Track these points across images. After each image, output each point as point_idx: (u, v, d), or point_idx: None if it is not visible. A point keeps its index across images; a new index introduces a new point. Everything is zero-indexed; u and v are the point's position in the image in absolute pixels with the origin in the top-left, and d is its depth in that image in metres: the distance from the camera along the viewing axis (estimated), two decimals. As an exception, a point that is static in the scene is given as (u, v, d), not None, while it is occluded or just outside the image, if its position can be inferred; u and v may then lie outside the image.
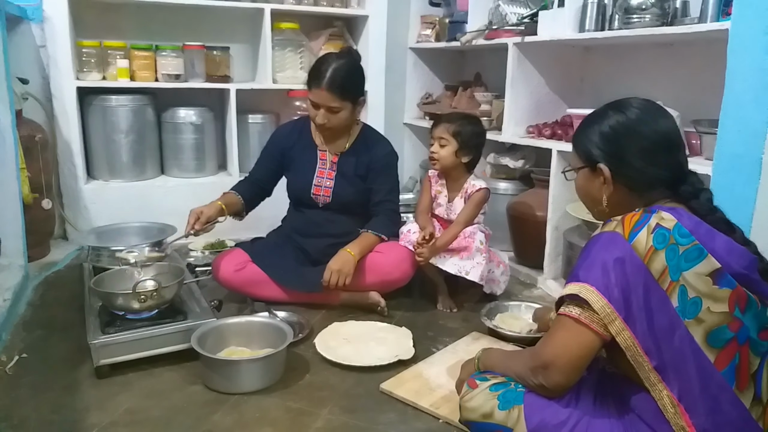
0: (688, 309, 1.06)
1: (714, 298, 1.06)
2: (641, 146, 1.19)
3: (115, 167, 2.93)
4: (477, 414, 1.24)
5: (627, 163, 1.20)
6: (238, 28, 3.21)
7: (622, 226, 1.12)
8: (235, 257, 2.19)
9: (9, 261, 2.22)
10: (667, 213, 1.11)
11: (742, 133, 1.59)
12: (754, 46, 1.55)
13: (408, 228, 2.23)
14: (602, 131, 1.23)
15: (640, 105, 1.23)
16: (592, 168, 1.25)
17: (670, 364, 1.07)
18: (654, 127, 1.20)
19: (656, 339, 1.07)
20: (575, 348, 1.12)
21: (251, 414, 1.53)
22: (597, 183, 1.25)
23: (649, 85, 2.45)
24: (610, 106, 1.26)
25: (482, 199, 2.26)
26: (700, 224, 1.11)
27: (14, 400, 1.56)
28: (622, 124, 1.21)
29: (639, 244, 1.09)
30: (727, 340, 1.07)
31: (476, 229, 2.20)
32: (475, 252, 2.14)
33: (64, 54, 2.69)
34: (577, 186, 1.32)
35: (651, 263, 1.07)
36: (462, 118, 2.26)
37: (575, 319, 1.12)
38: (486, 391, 1.25)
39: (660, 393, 1.08)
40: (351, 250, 2.09)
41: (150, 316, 1.77)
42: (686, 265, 1.07)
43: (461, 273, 2.13)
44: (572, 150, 1.33)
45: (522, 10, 2.77)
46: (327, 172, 2.24)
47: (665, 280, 1.07)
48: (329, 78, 2.05)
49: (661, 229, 1.09)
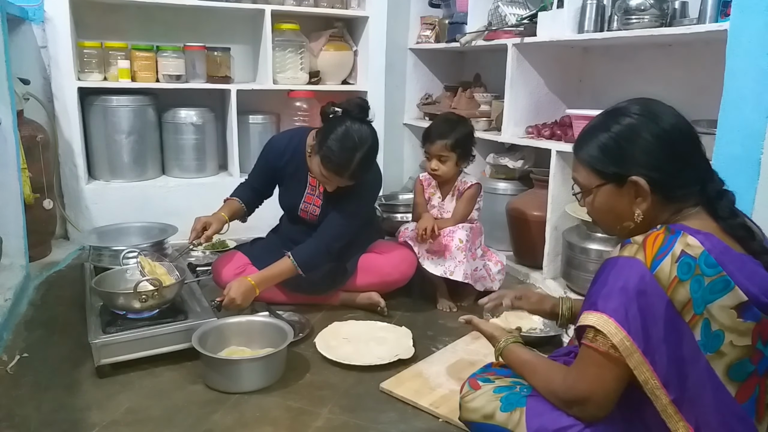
0: (710, 343, 1.01)
1: (738, 332, 1.01)
2: (681, 151, 1.09)
3: (116, 167, 2.94)
4: (478, 415, 1.23)
5: (668, 172, 1.09)
6: (238, 29, 3.22)
7: (644, 252, 1.03)
8: (235, 260, 2.20)
9: (10, 261, 2.22)
10: (692, 238, 1.02)
11: (741, 133, 1.59)
12: (753, 46, 1.55)
13: (407, 227, 2.24)
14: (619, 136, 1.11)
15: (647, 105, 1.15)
16: (618, 183, 1.12)
17: (689, 398, 1.03)
18: (686, 127, 1.12)
19: (677, 372, 1.02)
20: (612, 382, 1.06)
21: (252, 413, 1.53)
22: (626, 199, 1.12)
23: (647, 85, 2.45)
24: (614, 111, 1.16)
25: (474, 194, 2.28)
26: (728, 251, 1.04)
27: (15, 400, 1.57)
28: (662, 134, 1.10)
29: (662, 273, 1.01)
30: (749, 373, 1.03)
31: (456, 228, 2.20)
32: (455, 251, 2.14)
33: (65, 54, 2.70)
34: (596, 206, 1.17)
35: (674, 295, 1.00)
36: (452, 127, 2.24)
37: (604, 354, 1.05)
38: (489, 393, 1.23)
39: (676, 424, 1.04)
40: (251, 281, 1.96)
41: (151, 316, 1.78)
42: (711, 297, 1.00)
43: (446, 274, 2.15)
44: (578, 164, 1.18)
45: (521, 11, 2.77)
46: (314, 199, 2.19)
47: (688, 313, 1.00)
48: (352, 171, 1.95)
49: (686, 257, 1.01)
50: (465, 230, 2.20)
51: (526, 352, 1.29)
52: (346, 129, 1.94)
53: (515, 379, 1.26)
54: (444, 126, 2.26)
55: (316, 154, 1.97)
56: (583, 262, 2.27)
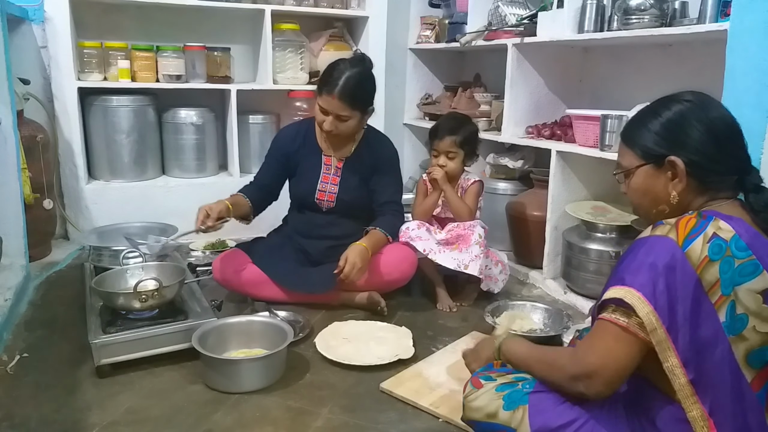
0: (733, 325, 1.02)
1: (762, 318, 1.03)
2: (712, 133, 1.12)
3: (116, 167, 2.94)
4: (481, 414, 1.23)
5: (700, 152, 1.12)
6: (238, 29, 3.22)
7: (676, 232, 1.06)
8: (235, 258, 2.19)
9: (10, 261, 2.22)
10: (724, 222, 1.05)
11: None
12: (753, 46, 1.55)
13: (407, 226, 2.23)
14: (668, 120, 1.15)
15: (697, 94, 1.18)
16: (657, 164, 1.16)
17: (707, 379, 1.04)
18: (720, 112, 1.15)
19: (697, 352, 1.03)
20: (624, 358, 1.06)
21: (252, 413, 1.53)
22: (663, 180, 1.15)
23: (648, 85, 2.45)
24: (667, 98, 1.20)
25: (478, 190, 2.30)
26: (758, 237, 1.06)
27: (15, 400, 1.57)
28: (690, 110, 1.14)
29: (693, 252, 1.03)
30: (766, 362, 1.04)
31: (476, 223, 2.21)
32: (473, 245, 2.15)
33: (65, 54, 2.70)
34: (634, 187, 1.21)
35: (704, 274, 1.03)
36: (460, 124, 2.27)
37: (623, 327, 1.06)
38: (492, 391, 1.23)
39: (692, 406, 1.05)
40: (364, 244, 2.05)
41: (151, 316, 1.78)
42: (740, 280, 1.02)
43: (460, 267, 2.13)
44: (624, 147, 1.22)
45: (521, 11, 2.77)
46: (332, 178, 2.23)
47: (716, 293, 1.02)
48: (341, 86, 2.02)
49: (718, 239, 1.03)
50: (482, 226, 2.21)
51: (526, 342, 1.31)
52: (337, 60, 2.12)
53: (518, 375, 1.26)
54: (453, 123, 2.29)
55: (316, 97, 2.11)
56: (583, 262, 2.27)
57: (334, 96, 2.03)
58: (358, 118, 2.12)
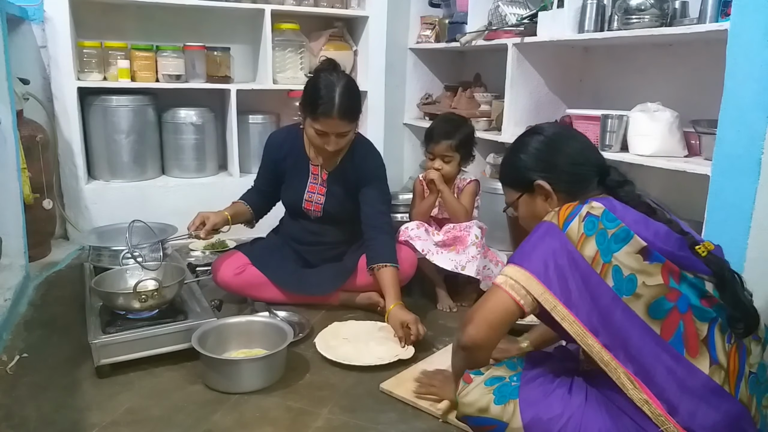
0: (624, 287, 1.12)
1: (647, 273, 1.12)
2: (566, 152, 1.31)
3: (115, 167, 2.94)
4: (473, 408, 1.26)
5: (560, 170, 1.30)
6: (238, 29, 3.22)
7: (558, 217, 1.20)
8: (234, 260, 2.19)
9: (10, 261, 2.22)
10: (597, 202, 1.19)
11: (742, 133, 1.59)
12: (754, 46, 1.55)
13: (406, 226, 2.23)
14: (529, 153, 1.34)
15: (549, 125, 1.40)
16: (530, 191, 1.34)
17: (619, 341, 1.13)
18: (570, 134, 1.38)
19: (600, 318, 1.14)
20: (490, 305, 1.21)
21: (251, 413, 1.53)
22: (539, 202, 1.33)
23: (648, 85, 2.45)
24: (524, 135, 1.40)
25: (474, 189, 2.30)
26: (628, 211, 1.19)
27: (15, 400, 1.57)
28: (545, 140, 1.34)
29: (572, 232, 1.17)
30: (668, 310, 1.11)
31: (472, 224, 2.20)
32: (470, 246, 2.14)
33: (65, 54, 2.70)
34: (521, 216, 1.39)
35: (583, 249, 1.15)
36: (456, 127, 2.25)
37: (497, 285, 1.21)
38: (481, 385, 1.27)
39: (616, 371, 1.13)
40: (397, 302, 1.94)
41: (151, 316, 1.78)
42: (616, 247, 1.14)
43: (457, 269, 2.14)
44: (504, 187, 1.42)
45: (521, 11, 2.77)
46: (318, 188, 2.20)
47: (598, 263, 1.14)
48: (339, 104, 1.94)
49: (591, 216, 1.17)
50: (479, 226, 2.20)
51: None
52: (317, 77, 2.02)
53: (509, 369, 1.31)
54: (448, 126, 2.26)
55: (305, 119, 2.04)
56: (583, 262, 2.26)
57: (335, 117, 1.95)
58: (354, 128, 2.08)
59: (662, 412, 1.09)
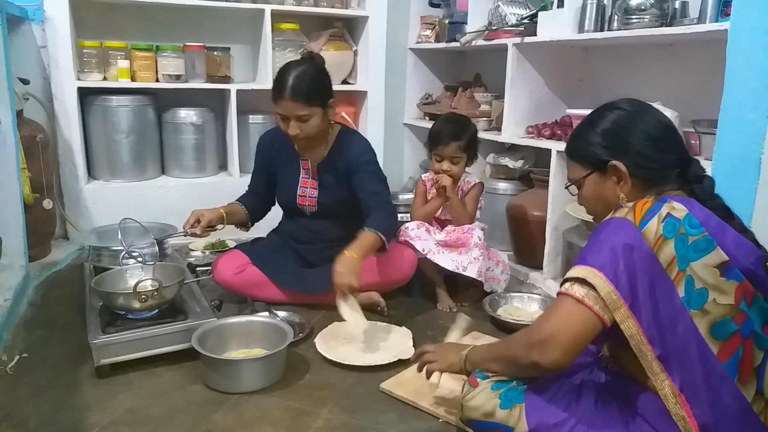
0: (694, 300, 1.06)
1: (720, 290, 1.07)
2: (647, 134, 1.20)
3: (115, 167, 2.94)
4: (478, 413, 1.25)
5: (639, 153, 1.19)
6: (238, 29, 3.22)
7: (633, 213, 1.12)
8: (234, 259, 2.19)
9: (10, 261, 2.22)
10: (678, 203, 1.11)
11: (741, 133, 1.59)
12: (754, 46, 1.55)
13: (406, 226, 2.23)
14: (605, 129, 1.22)
15: (630, 101, 1.25)
16: (601, 171, 1.23)
17: (674, 354, 1.07)
18: (653, 114, 1.23)
19: (661, 328, 1.07)
20: (577, 326, 1.10)
21: (251, 413, 1.53)
22: (610, 184, 1.23)
23: (648, 85, 2.45)
24: (602, 108, 1.27)
25: (478, 193, 2.30)
26: (711, 217, 1.11)
27: (15, 400, 1.57)
28: (623, 117, 1.22)
29: (649, 232, 1.09)
30: (732, 333, 1.07)
31: (474, 226, 2.21)
32: (473, 247, 2.14)
33: (65, 54, 2.70)
34: (585, 195, 1.28)
35: (660, 252, 1.08)
36: (463, 128, 2.25)
37: (578, 299, 1.11)
38: (487, 390, 1.25)
39: (662, 383, 1.08)
40: (352, 253, 1.87)
41: (151, 316, 1.78)
42: (695, 256, 1.07)
43: (458, 269, 2.13)
44: (570, 161, 1.31)
45: (521, 11, 2.77)
46: (310, 182, 2.21)
47: (673, 270, 1.07)
48: (291, 86, 1.96)
49: (671, 218, 1.09)
50: (481, 228, 2.21)
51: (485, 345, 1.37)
52: (284, 65, 2.05)
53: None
54: (455, 127, 2.25)
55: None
56: (583, 262, 2.27)
57: (286, 98, 1.97)
58: (319, 114, 2.04)
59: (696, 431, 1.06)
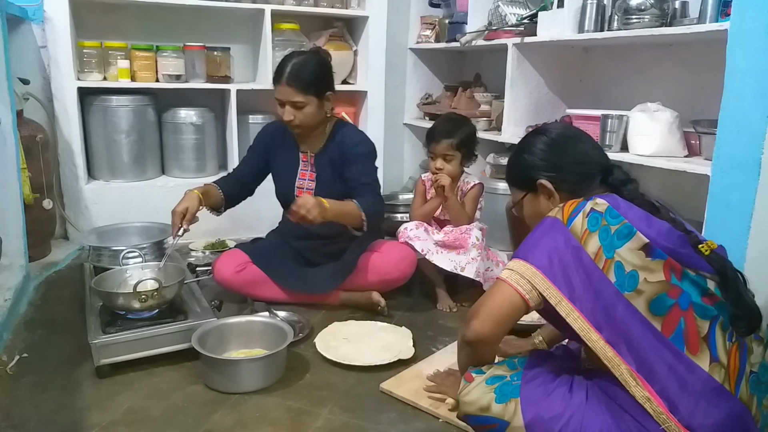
0: (626, 283, 1.13)
1: (649, 270, 1.13)
2: (570, 152, 1.33)
3: (115, 167, 2.94)
4: (474, 407, 1.26)
5: (563, 169, 1.32)
6: (238, 29, 3.22)
7: (562, 213, 1.22)
8: (235, 258, 2.19)
9: (10, 261, 2.22)
10: (601, 199, 1.21)
11: (742, 133, 1.59)
12: (754, 46, 1.55)
13: (405, 226, 2.23)
14: (533, 153, 1.35)
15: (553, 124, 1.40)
16: (533, 190, 1.36)
17: (621, 337, 1.13)
18: (574, 133, 1.39)
19: (603, 314, 1.14)
20: (495, 300, 1.21)
21: (251, 414, 1.53)
22: (543, 200, 1.35)
23: (648, 85, 2.45)
24: (527, 135, 1.42)
25: (477, 194, 2.30)
26: (632, 207, 1.20)
27: (15, 400, 1.57)
28: (549, 140, 1.35)
29: (576, 228, 1.19)
30: (669, 307, 1.12)
31: (473, 226, 2.21)
32: (471, 248, 2.14)
33: (65, 54, 2.70)
34: (526, 215, 1.41)
35: (586, 245, 1.17)
36: (457, 126, 2.25)
37: (503, 279, 1.22)
38: (482, 384, 1.27)
39: (619, 368, 1.13)
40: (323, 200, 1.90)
41: (151, 316, 1.78)
42: (619, 243, 1.15)
43: (456, 270, 2.14)
44: (510, 186, 1.45)
45: (521, 11, 2.77)
46: (308, 174, 2.22)
47: (601, 260, 1.15)
48: (288, 72, 2.03)
49: (594, 213, 1.19)
50: (479, 228, 2.21)
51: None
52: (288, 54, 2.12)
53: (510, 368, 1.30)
54: (449, 125, 2.26)
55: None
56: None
57: (284, 83, 2.03)
58: (315, 103, 2.07)
59: (663, 409, 1.09)
